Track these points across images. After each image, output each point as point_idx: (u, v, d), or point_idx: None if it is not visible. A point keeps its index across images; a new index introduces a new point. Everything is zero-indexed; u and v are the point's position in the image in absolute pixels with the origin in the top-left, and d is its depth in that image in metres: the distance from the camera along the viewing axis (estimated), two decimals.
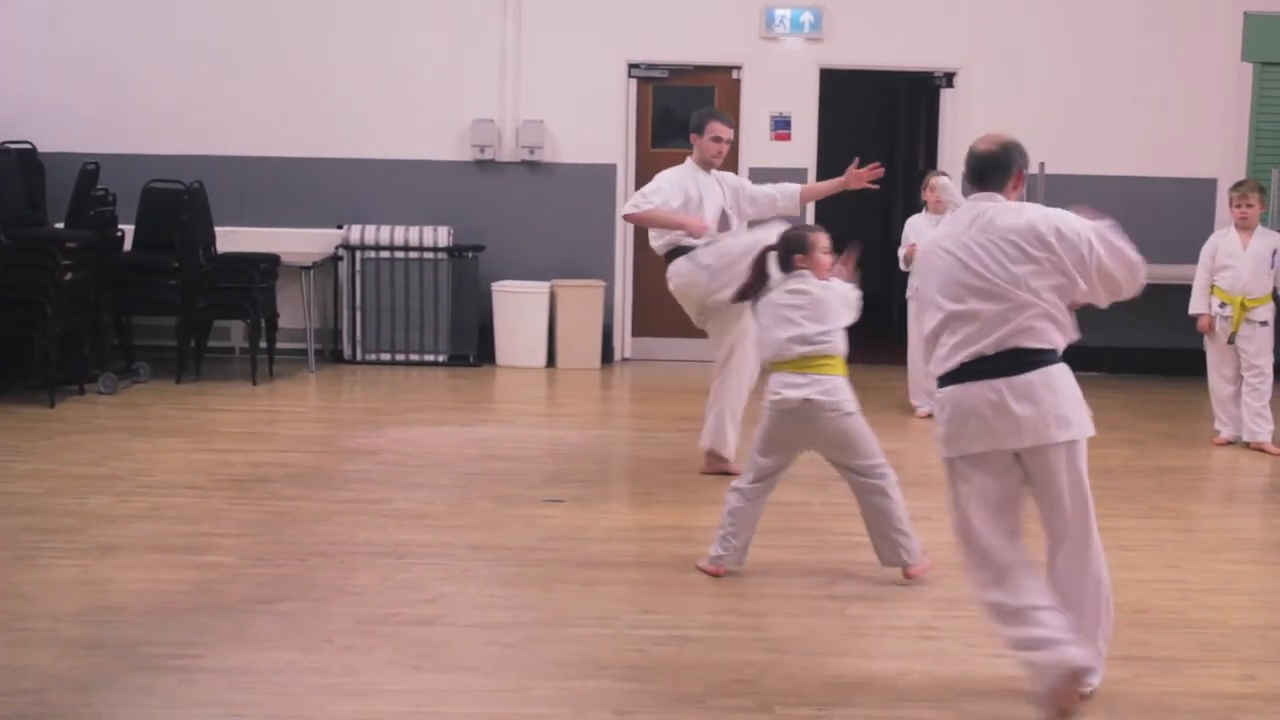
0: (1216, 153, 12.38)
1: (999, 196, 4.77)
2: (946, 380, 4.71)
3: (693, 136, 8.25)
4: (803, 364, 5.98)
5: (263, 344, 11.00)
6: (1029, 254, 4.60)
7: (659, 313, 12.61)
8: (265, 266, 11.02)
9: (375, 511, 7.16)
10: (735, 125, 12.24)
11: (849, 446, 6.05)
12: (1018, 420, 4.61)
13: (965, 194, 4.91)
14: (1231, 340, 9.28)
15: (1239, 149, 12.44)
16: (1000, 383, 4.61)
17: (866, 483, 6.06)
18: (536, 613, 5.65)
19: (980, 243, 4.64)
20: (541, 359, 12.00)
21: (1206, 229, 10.06)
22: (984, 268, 4.62)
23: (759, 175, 12.25)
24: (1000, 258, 4.61)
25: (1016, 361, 4.62)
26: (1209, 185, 12.10)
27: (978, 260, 4.63)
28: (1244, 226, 9.28)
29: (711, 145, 8.18)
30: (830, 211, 12.08)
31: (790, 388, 5.95)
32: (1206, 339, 9.48)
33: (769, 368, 6.15)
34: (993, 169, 4.79)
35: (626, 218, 8.28)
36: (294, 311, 11.65)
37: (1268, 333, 9.28)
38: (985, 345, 4.62)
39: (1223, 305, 9.27)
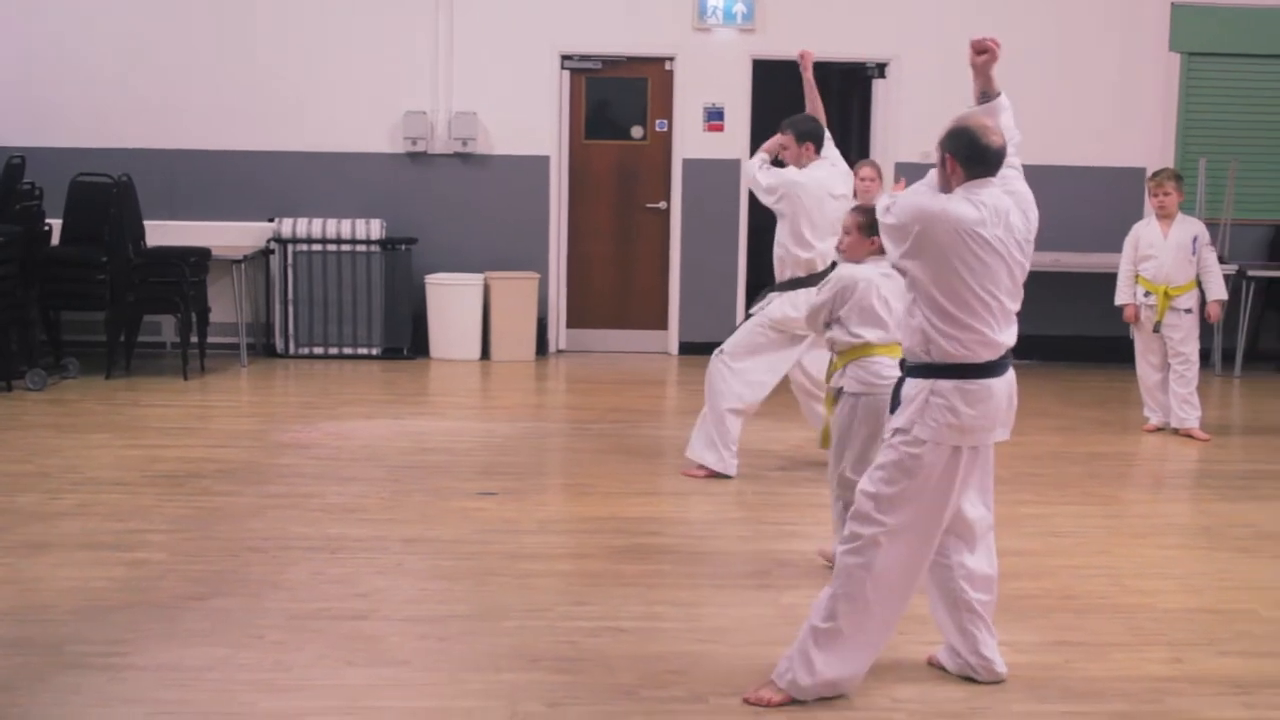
0: (1145, 142, 12.53)
1: (996, 184, 4.65)
2: (978, 372, 4.57)
3: None
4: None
5: (194, 338, 10.91)
6: (1025, 249, 4.62)
7: (594, 304, 12.64)
8: (195, 260, 10.93)
9: (307, 506, 7.12)
10: (669, 116, 12.36)
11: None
12: (1013, 411, 4.71)
13: (946, 179, 4.67)
14: (1157, 329, 9.38)
15: (1167, 138, 12.59)
16: (1010, 376, 4.67)
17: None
18: (469, 606, 5.63)
19: (1009, 239, 4.55)
20: (475, 351, 11.97)
21: (1136, 218, 10.15)
22: (1014, 262, 4.58)
23: (692, 166, 12.35)
24: (1020, 255, 4.59)
25: (1010, 355, 4.67)
26: (1138, 174, 12.20)
27: (1010, 254, 4.56)
28: (1164, 215, 9.38)
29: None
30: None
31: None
32: (1133, 327, 9.58)
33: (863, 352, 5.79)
34: (1002, 159, 4.68)
35: None
36: (225, 305, 11.57)
37: (1192, 320, 9.38)
38: (1011, 336, 4.63)
39: (1147, 294, 9.37)
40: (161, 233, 11.47)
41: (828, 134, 7.83)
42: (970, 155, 4.60)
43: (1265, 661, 5.20)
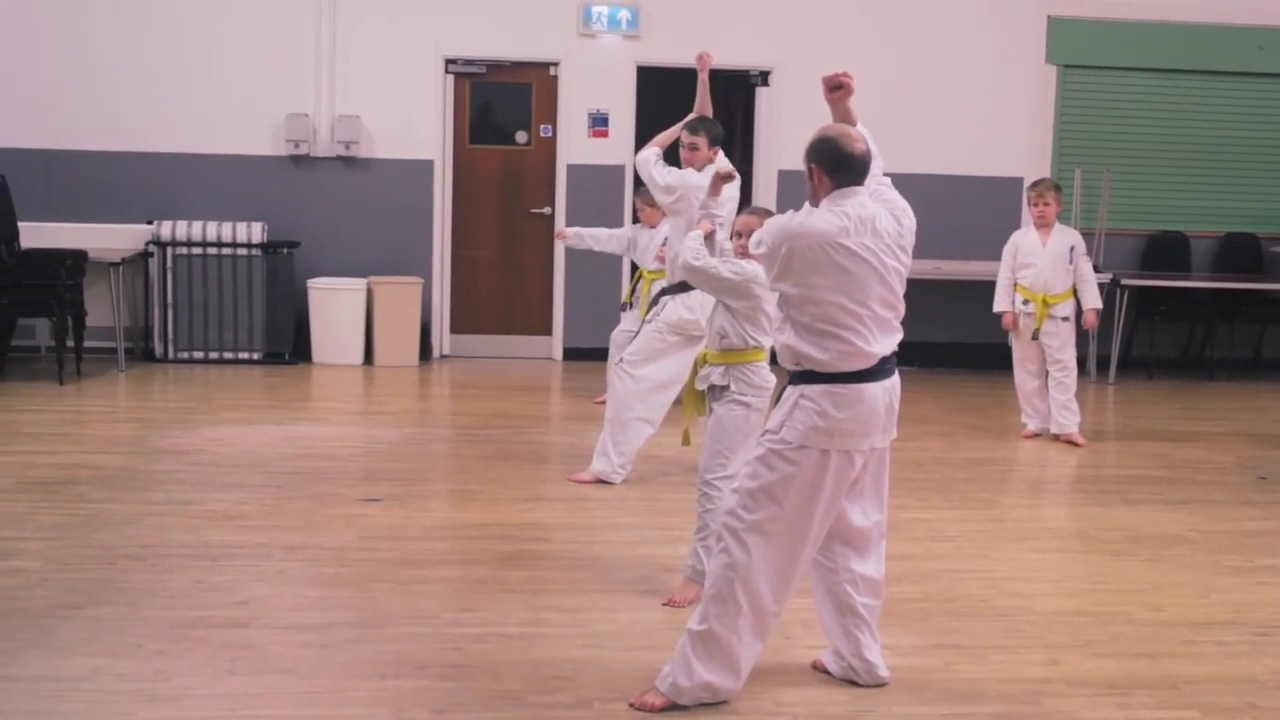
0: (1022, 152, 12.73)
1: (864, 192, 4.66)
2: (850, 377, 4.57)
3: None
4: None
5: (70, 343, 10.71)
6: (900, 255, 4.63)
7: (478, 309, 12.60)
8: (72, 263, 10.72)
9: (187, 513, 7.01)
10: (553, 121, 12.36)
11: None
12: (894, 417, 4.73)
13: (821, 190, 4.64)
14: (1035, 336, 9.54)
15: (1044, 149, 12.81)
16: (890, 383, 4.67)
17: None
18: (353, 613, 5.59)
19: (879, 245, 4.54)
20: (359, 356, 11.88)
21: (1014, 227, 10.32)
22: (887, 269, 4.57)
23: (576, 172, 12.35)
24: (893, 261, 4.59)
25: (893, 361, 4.69)
26: (1016, 184, 12.41)
27: (881, 262, 4.55)
28: (1042, 225, 9.55)
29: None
30: None
31: None
32: (1011, 335, 9.74)
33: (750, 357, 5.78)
34: (868, 165, 4.70)
35: None
36: (103, 309, 11.35)
37: (1069, 328, 9.55)
38: (886, 346, 4.62)
39: (1026, 302, 9.53)
40: (37, 234, 11.25)
41: None
42: (835, 164, 4.64)
43: (1138, 663, 5.30)
